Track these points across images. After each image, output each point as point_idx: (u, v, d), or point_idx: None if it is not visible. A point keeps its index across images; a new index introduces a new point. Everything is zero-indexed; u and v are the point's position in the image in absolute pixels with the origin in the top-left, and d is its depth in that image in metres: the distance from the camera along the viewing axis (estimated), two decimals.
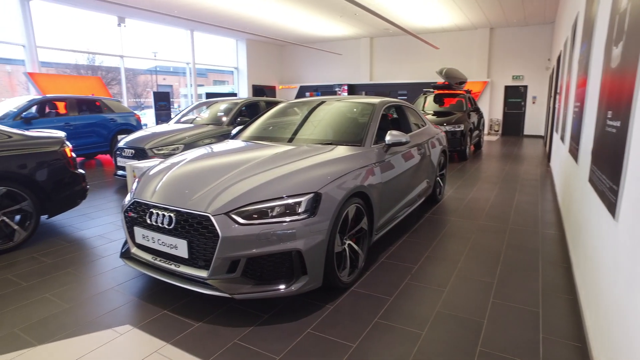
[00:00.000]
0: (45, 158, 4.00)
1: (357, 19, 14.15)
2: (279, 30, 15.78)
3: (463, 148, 8.87)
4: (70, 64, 23.34)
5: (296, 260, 2.48)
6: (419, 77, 17.08)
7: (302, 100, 4.68)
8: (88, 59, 24.63)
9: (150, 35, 17.38)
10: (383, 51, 18.09)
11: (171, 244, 2.57)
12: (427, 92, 10.77)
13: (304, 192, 2.57)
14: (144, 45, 17.18)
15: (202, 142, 6.27)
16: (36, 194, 3.92)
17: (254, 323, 2.50)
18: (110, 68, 24.37)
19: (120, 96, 14.78)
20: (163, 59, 17.38)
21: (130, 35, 14.50)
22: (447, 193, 5.99)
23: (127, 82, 15.33)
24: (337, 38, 18.08)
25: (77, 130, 8.51)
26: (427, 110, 10.24)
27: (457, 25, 15.18)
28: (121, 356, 2.20)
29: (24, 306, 2.75)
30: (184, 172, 3.02)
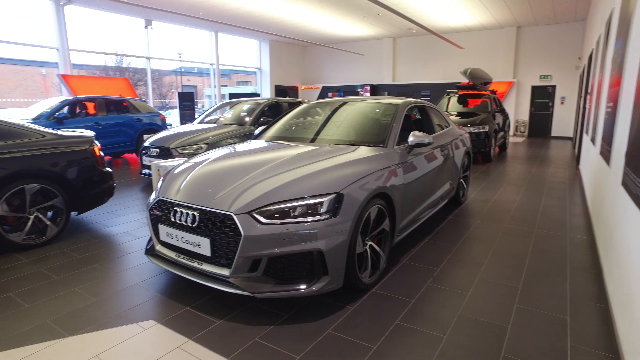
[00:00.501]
0: (76, 157, 4.13)
1: (380, 19, 14.08)
2: (302, 31, 15.84)
3: (487, 150, 8.70)
4: (99, 65, 24.05)
5: (317, 260, 2.48)
6: (442, 78, 16.85)
7: (324, 100, 4.68)
8: (116, 60, 25.33)
9: (175, 37, 17.73)
10: (406, 51, 17.93)
11: (194, 242, 2.61)
12: (451, 93, 10.61)
13: (326, 193, 2.57)
14: (169, 46, 17.56)
15: (225, 142, 6.35)
16: (67, 191, 4.05)
17: (274, 322, 2.52)
18: (137, 69, 24.99)
19: (146, 97, 15.14)
20: (188, 60, 17.72)
21: (157, 37, 14.84)
22: (470, 195, 5.88)
23: (153, 83, 15.69)
24: (360, 38, 18.02)
25: (105, 129, 8.75)
26: (450, 111, 10.09)
27: (482, 25, 14.90)
28: (145, 350, 2.25)
29: (55, 298, 2.85)
30: (208, 171, 3.06)
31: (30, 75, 23.18)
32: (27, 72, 23.03)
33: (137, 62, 23.56)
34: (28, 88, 23.03)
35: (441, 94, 11.64)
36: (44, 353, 2.23)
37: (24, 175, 3.72)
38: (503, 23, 14.64)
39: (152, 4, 11.27)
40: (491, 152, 8.89)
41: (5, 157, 3.62)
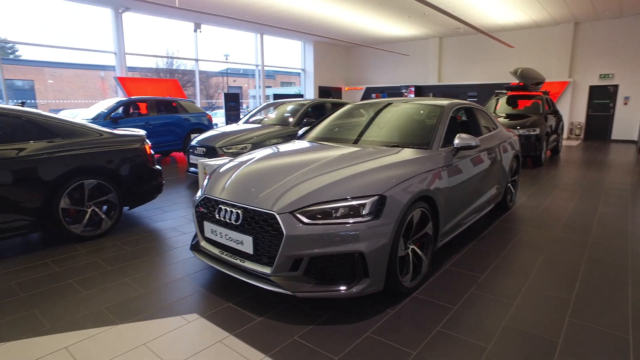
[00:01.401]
0: (129, 154, 4.35)
1: (426, 19, 13.80)
2: (346, 31, 15.83)
3: (538, 153, 8.30)
4: (151, 68, 25.22)
5: (358, 262, 2.46)
6: (490, 78, 16.25)
7: (368, 101, 4.65)
8: (167, 63, 26.46)
9: (222, 39, 18.26)
10: (453, 51, 17.47)
11: (237, 239, 2.67)
12: (500, 94, 10.21)
13: (368, 194, 2.55)
14: (216, 49, 18.13)
15: (269, 142, 6.45)
16: (120, 187, 4.28)
17: (313, 322, 2.53)
18: (186, 71, 25.98)
19: (194, 97, 15.71)
20: (234, 62, 18.21)
21: (205, 40, 15.35)
22: (518, 200, 5.63)
23: (201, 84, 16.25)
24: (405, 38, 17.76)
25: (156, 129, 9.16)
26: (498, 112, 9.72)
27: (535, 22, 14.23)
28: (189, 342, 2.33)
29: (108, 288, 3.02)
30: (252, 170, 3.13)
31: (90, 78, 24.71)
32: (88, 75, 24.57)
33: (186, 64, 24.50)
34: (88, 90, 24.57)
35: (489, 95, 11.22)
36: (99, 338, 2.37)
37: (83, 171, 3.97)
38: (559, 19, 13.90)
39: (201, 8, 11.68)
40: (542, 155, 8.46)
41: (69, 154, 3.88)
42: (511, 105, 9.89)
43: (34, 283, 3.12)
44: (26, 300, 2.85)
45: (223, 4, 11.77)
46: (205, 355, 2.21)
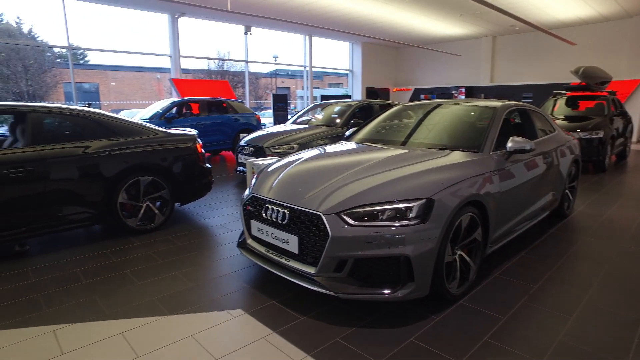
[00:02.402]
0: (181, 153, 4.55)
1: (479, 17, 13.33)
2: (395, 32, 15.63)
3: (601, 158, 7.75)
4: (204, 69, 26.24)
5: (404, 266, 2.42)
6: (547, 78, 15.41)
7: (416, 103, 4.57)
8: (218, 64, 27.40)
9: (271, 41, 18.61)
10: (507, 50, 16.74)
11: (283, 238, 2.71)
12: (558, 95, 9.65)
13: (416, 198, 2.50)
14: (265, 50, 18.54)
15: (316, 143, 6.50)
16: (172, 184, 4.47)
17: (356, 324, 2.51)
18: (236, 72, 26.82)
19: (244, 98, 16.14)
20: (282, 63, 18.53)
21: (254, 42, 15.74)
22: (577, 208, 5.30)
23: (250, 85, 16.67)
24: (456, 38, 17.26)
25: (206, 128, 9.49)
26: (556, 114, 9.18)
27: (602, 15, 13.26)
28: (233, 337, 2.39)
29: (160, 280, 3.16)
30: (299, 171, 3.16)
31: (147, 80, 26.13)
32: (146, 77, 26.00)
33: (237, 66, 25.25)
34: (146, 91, 25.98)
35: (545, 96, 10.63)
36: (150, 327, 2.49)
37: (140, 168, 4.20)
38: (631, 10, 12.77)
39: (252, 11, 11.98)
40: (605, 160, 7.90)
41: (128, 152, 4.12)
42: (571, 107, 9.32)
43: (94, 271, 3.34)
44: (88, 287, 3.05)
45: (273, 6, 12.00)
46: (248, 350, 2.26)
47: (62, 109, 4.08)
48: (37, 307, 2.77)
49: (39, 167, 3.60)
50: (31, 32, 22.51)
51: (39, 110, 3.85)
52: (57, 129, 4.02)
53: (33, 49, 22.15)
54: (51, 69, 22.77)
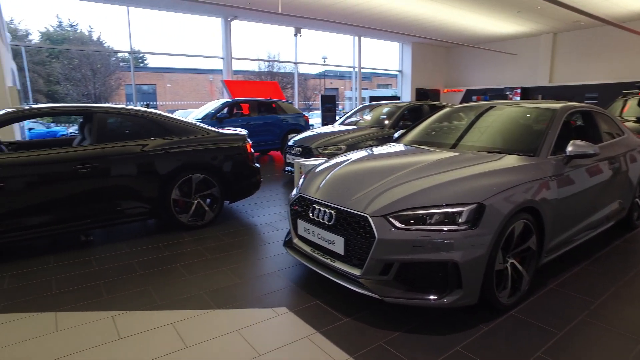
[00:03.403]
0: (231, 152, 4.69)
1: (539, 13, 12.67)
2: (446, 31, 15.22)
3: None
4: (254, 71, 26.94)
5: (451, 272, 2.35)
6: (615, 77, 14.34)
7: (468, 104, 4.42)
8: (268, 66, 28.01)
9: (320, 42, 18.73)
10: (568, 48, 15.77)
11: (329, 239, 2.72)
12: (629, 95, 8.93)
13: (466, 202, 2.42)
14: (315, 51, 18.72)
15: (364, 144, 6.47)
16: (222, 182, 4.62)
17: (401, 329, 2.47)
18: (285, 73, 27.30)
19: (292, 99, 16.37)
20: (331, 64, 18.60)
21: (304, 44, 15.93)
22: None
23: (299, 86, 16.88)
24: (511, 36, 16.51)
25: (256, 128, 9.71)
26: (626, 116, 8.50)
27: None
28: (277, 334, 2.43)
29: (208, 275, 3.28)
30: (347, 172, 3.16)
31: (200, 81, 27.24)
32: (199, 79, 27.11)
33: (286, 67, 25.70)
34: (199, 92, 27.08)
35: (613, 97, 9.90)
36: (198, 319, 2.59)
37: (192, 167, 4.37)
38: None
39: (302, 13, 12.14)
40: None
41: (181, 151, 4.31)
42: None
43: (149, 263, 3.52)
44: (143, 278, 3.22)
45: (323, 8, 12.09)
46: (292, 348, 2.29)
47: (123, 109, 4.35)
48: (99, 293, 2.96)
49: (102, 164, 3.86)
50: (99, 39, 24.23)
51: (103, 111, 4.13)
52: (118, 128, 4.29)
53: (100, 54, 23.81)
54: (115, 72, 24.38)
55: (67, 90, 22.96)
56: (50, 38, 23.57)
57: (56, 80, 23.26)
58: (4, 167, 3.49)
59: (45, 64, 23.07)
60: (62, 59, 23.42)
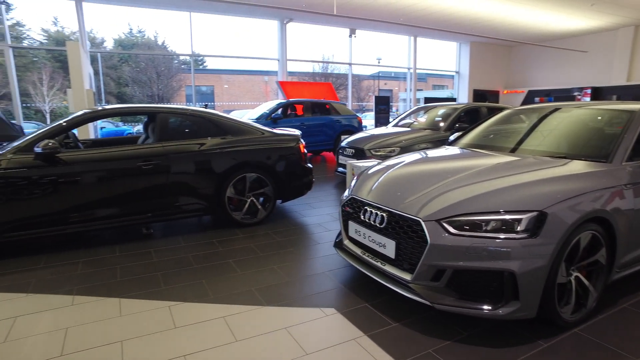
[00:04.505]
0: (285, 152, 4.77)
1: (617, 4, 11.61)
2: (508, 29, 14.51)
3: None
4: (308, 72, 27.28)
5: (508, 282, 2.23)
6: None
7: (530, 106, 4.18)
8: (322, 67, 28.24)
9: (375, 43, 18.62)
10: None
11: (380, 242, 2.69)
12: None
13: (525, 209, 2.29)
14: (369, 52, 18.62)
15: (418, 147, 6.34)
16: (275, 181, 4.71)
17: (451, 338, 2.39)
18: (339, 74, 27.39)
19: (346, 100, 16.37)
20: (386, 65, 18.39)
21: (358, 45, 15.89)
22: None
23: (352, 87, 16.85)
24: (582, 32, 15.37)
25: (309, 129, 9.82)
26: None
27: None
28: (325, 334, 2.44)
29: (259, 271, 3.36)
30: (400, 174, 3.11)
31: (256, 82, 28.02)
32: (255, 80, 27.91)
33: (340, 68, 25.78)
34: (254, 93, 27.87)
35: None
36: (247, 315, 2.66)
37: (246, 166, 4.50)
38: None
39: (358, 14, 12.10)
40: None
41: (236, 150, 4.45)
42: None
43: (203, 257, 3.67)
44: (197, 271, 3.37)
45: (378, 8, 11.98)
46: (339, 350, 2.28)
47: (183, 109, 4.57)
48: (157, 283, 3.14)
49: (163, 161, 4.08)
50: (164, 43, 25.71)
51: (165, 111, 4.36)
52: (179, 128, 4.52)
53: (164, 57, 25.26)
54: (176, 74, 25.77)
55: (134, 91, 24.63)
56: (121, 44, 25.40)
57: (125, 82, 25.04)
58: (81, 162, 3.80)
59: (117, 67, 24.89)
60: (131, 63, 25.16)
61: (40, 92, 21.65)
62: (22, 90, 16.54)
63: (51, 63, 22.74)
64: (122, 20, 27.37)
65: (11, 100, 10.78)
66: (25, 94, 20.42)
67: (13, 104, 10.76)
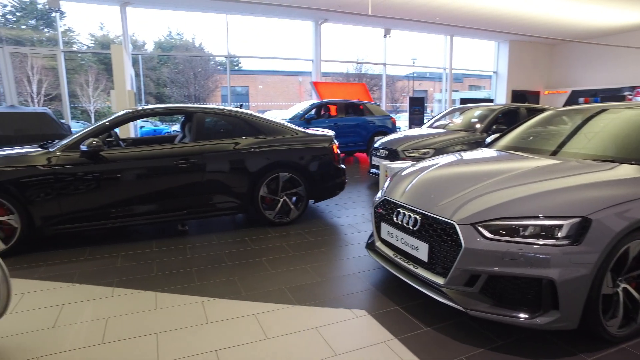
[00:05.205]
0: (318, 153, 4.78)
1: None
2: (551, 27, 13.94)
3: None
4: (342, 73, 27.26)
5: (546, 290, 2.14)
6: None
7: (574, 107, 4.00)
8: (356, 68, 28.14)
9: (410, 43, 18.35)
10: None
11: (413, 245, 2.65)
12: None
13: (567, 215, 2.19)
14: (403, 53, 18.39)
15: (453, 148, 6.21)
16: (308, 181, 4.73)
17: (485, 345, 2.31)
18: (373, 75, 27.22)
19: (380, 100, 16.22)
20: (421, 65, 18.11)
21: (392, 45, 15.70)
22: None
23: (387, 88, 16.68)
24: (634, 27, 14.49)
25: (343, 130, 9.80)
26: None
27: None
28: (354, 336, 2.42)
29: (290, 271, 3.38)
30: (434, 177, 3.05)
31: (290, 83, 28.29)
32: (289, 81, 28.18)
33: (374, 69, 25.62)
34: (288, 94, 28.15)
35: None
36: (278, 313, 2.68)
37: (279, 165, 4.55)
38: None
39: (393, 14, 11.98)
40: None
41: (270, 150, 4.50)
42: None
43: (236, 255, 3.74)
44: (230, 268, 3.43)
45: (414, 7, 11.81)
46: (368, 352, 2.26)
47: (218, 109, 4.68)
48: (191, 279, 3.22)
49: (199, 160, 4.18)
50: (201, 45, 26.42)
51: (202, 111, 4.47)
52: (214, 127, 4.63)
53: (201, 59, 25.96)
54: (212, 75, 26.42)
55: (172, 92, 25.45)
56: (161, 46, 26.30)
57: (164, 83, 25.92)
58: (122, 160, 3.97)
59: (156, 69, 25.80)
60: (170, 64, 26.01)
61: (86, 93, 22.80)
62: (71, 92, 17.47)
63: (97, 65, 23.89)
64: (162, 24, 28.42)
65: (61, 101, 11.43)
66: (73, 95, 21.56)
67: (63, 105, 11.40)
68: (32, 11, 21.51)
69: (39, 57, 20.34)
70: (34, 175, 3.68)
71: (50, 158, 3.77)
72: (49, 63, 20.19)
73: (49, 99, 20.62)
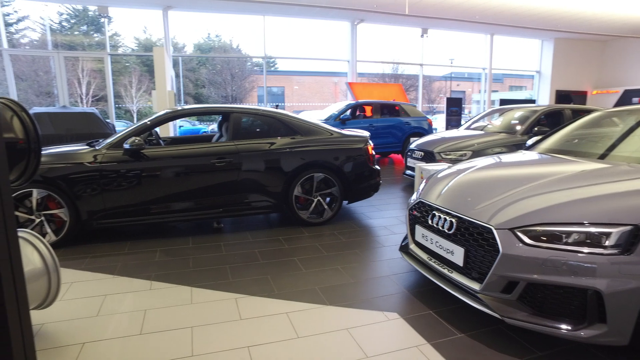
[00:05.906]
0: (353, 153, 4.77)
1: None
2: (602, 22, 13.22)
3: None
4: (378, 73, 27.06)
5: (592, 301, 2.03)
6: None
7: (626, 108, 3.78)
8: (392, 68, 27.85)
9: (447, 43, 17.95)
10: None
11: (448, 248, 2.58)
12: None
13: (616, 223, 2.06)
14: (441, 53, 18.03)
15: (491, 151, 6.03)
16: (342, 182, 4.73)
17: (522, 356, 2.22)
18: (409, 76, 26.85)
19: (416, 101, 15.99)
20: (459, 66, 17.71)
21: (430, 45, 15.42)
22: None
23: (423, 89, 16.41)
24: None
25: (378, 131, 9.72)
26: None
27: None
28: (386, 339, 2.39)
29: (323, 271, 3.39)
30: (471, 179, 2.97)
31: (325, 84, 28.37)
32: (324, 81, 28.27)
33: (410, 69, 25.27)
34: (323, 94, 28.24)
35: None
36: (309, 312, 2.69)
37: (314, 165, 4.57)
38: None
39: (430, 13, 11.77)
40: None
41: (305, 150, 4.53)
42: None
43: (269, 254, 3.78)
44: (263, 267, 3.48)
45: (452, 6, 11.54)
46: (400, 355, 2.23)
47: (255, 110, 4.76)
48: (225, 276, 3.29)
49: (235, 159, 4.27)
50: (238, 46, 26.99)
51: (238, 111, 4.56)
52: (251, 127, 4.70)
53: (239, 60, 26.52)
54: (249, 75, 26.93)
55: (210, 92, 26.14)
56: (200, 48, 27.08)
57: (202, 84, 26.66)
58: (162, 158, 4.11)
59: (195, 70, 26.58)
60: (208, 66, 26.73)
61: (129, 93, 23.83)
62: (116, 93, 18.31)
63: (140, 67, 24.91)
64: (202, 26, 29.24)
65: (107, 101, 12.02)
66: (117, 96, 22.59)
67: (108, 105, 12.00)
68: (84, 18, 22.75)
69: (88, 60, 21.46)
70: (82, 172, 3.88)
71: (96, 155, 3.96)
72: (96, 66, 21.27)
73: (96, 99, 21.72)
